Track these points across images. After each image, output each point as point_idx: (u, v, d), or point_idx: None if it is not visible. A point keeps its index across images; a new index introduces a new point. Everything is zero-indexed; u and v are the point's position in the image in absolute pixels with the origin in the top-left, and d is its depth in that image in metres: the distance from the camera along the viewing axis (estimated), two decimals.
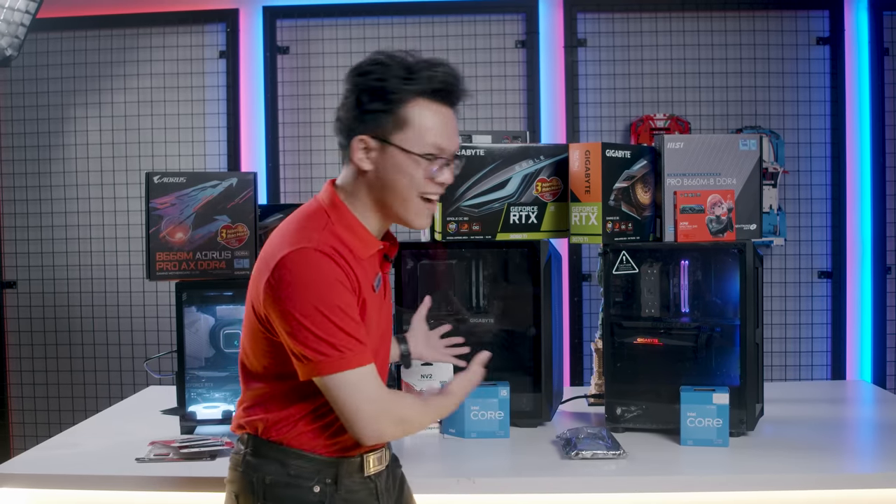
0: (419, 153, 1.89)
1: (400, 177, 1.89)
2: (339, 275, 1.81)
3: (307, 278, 1.80)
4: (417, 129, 1.88)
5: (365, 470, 1.96)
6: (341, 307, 1.80)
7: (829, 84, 4.71)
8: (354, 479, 1.94)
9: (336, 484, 1.92)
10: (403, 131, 1.88)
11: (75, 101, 4.87)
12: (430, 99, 1.90)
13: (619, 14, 4.74)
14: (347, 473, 1.93)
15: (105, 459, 2.53)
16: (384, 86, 1.86)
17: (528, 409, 2.82)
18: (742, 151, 2.79)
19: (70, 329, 4.91)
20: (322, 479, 1.91)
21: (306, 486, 1.90)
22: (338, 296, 1.80)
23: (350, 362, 1.80)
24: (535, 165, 2.81)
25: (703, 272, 2.74)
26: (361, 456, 1.96)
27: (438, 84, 1.89)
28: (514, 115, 4.75)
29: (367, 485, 1.96)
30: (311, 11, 4.76)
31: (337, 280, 1.81)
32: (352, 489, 1.94)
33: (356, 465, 1.95)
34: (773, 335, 4.69)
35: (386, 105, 1.87)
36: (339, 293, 1.81)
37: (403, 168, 1.89)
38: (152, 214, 2.75)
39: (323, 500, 1.91)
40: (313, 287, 1.80)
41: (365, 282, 1.89)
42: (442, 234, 2.79)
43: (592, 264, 4.71)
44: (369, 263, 1.93)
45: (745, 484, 2.34)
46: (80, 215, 4.88)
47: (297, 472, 1.90)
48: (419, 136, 1.88)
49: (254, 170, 4.51)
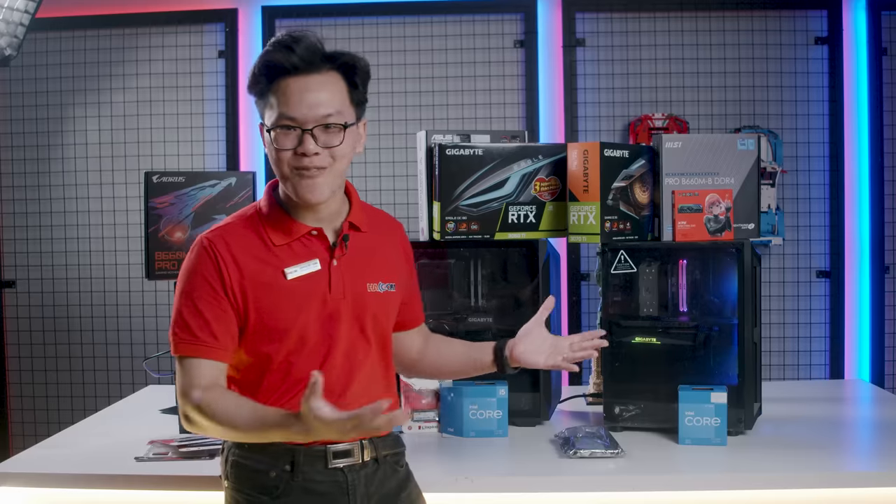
0: (269, 127, 1.93)
1: (270, 153, 1.96)
2: (206, 267, 1.91)
3: (184, 263, 1.97)
4: (273, 106, 1.92)
5: (328, 461, 1.95)
6: (193, 297, 1.91)
7: (827, 84, 4.70)
8: (317, 468, 1.95)
9: (293, 471, 1.93)
10: (270, 110, 1.93)
11: (74, 101, 4.87)
12: (292, 76, 1.91)
13: (618, 14, 4.74)
14: (308, 462, 1.94)
15: (104, 458, 2.53)
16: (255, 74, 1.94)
17: (526, 408, 2.82)
18: (740, 151, 2.79)
19: (69, 329, 4.91)
20: (279, 465, 1.93)
21: (263, 470, 1.94)
22: (195, 286, 1.91)
23: (179, 349, 1.91)
24: (533, 165, 2.82)
25: (702, 271, 2.74)
26: (325, 447, 1.95)
27: (264, 64, 1.92)
28: (512, 114, 4.75)
29: (334, 477, 1.96)
30: (309, 11, 4.75)
31: (199, 271, 1.92)
32: (313, 479, 1.94)
33: (318, 455, 1.95)
34: (772, 334, 4.68)
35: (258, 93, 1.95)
36: (197, 284, 1.92)
37: (268, 146, 1.96)
38: (151, 214, 2.76)
39: (278, 485, 1.93)
40: (183, 273, 1.96)
41: (263, 272, 1.93)
42: (440, 233, 2.79)
43: (591, 263, 4.70)
44: (299, 248, 1.97)
45: (743, 483, 2.34)
46: (80, 215, 4.88)
47: (256, 455, 1.93)
48: (272, 111, 1.92)
49: (253, 169, 4.55)
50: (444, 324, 2.84)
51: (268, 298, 1.93)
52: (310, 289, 1.96)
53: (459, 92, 4.72)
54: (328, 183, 1.94)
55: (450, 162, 2.77)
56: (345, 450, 1.97)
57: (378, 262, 2.07)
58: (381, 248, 2.10)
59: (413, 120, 4.67)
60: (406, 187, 4.52)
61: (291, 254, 1.96)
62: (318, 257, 1.98)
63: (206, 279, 1.91)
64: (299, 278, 1.95)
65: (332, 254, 1.99)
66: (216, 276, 1.91)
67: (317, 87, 1.91)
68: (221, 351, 1.92)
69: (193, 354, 1.90)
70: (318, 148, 1.90)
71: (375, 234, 2.09)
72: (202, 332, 1.90)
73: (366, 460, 2.00)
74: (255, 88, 1.94)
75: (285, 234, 1.97)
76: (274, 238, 1.96)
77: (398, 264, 2.15)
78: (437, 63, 4.70)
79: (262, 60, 1.92)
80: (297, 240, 1.97)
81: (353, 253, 2.02)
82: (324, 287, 1.97)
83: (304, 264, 1.96)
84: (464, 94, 4.72)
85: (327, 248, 1.99)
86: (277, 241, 1.96)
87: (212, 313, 1.90)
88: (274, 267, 1.94)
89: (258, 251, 1.95)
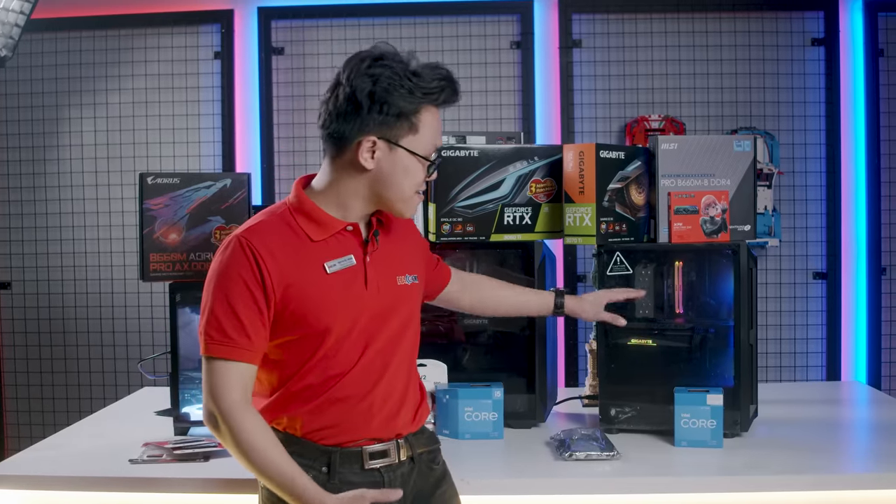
0: (425, 156, 1.97)
1: (405, 177, 1.97)
2: (242, 266, 1.89)
3: (217, 262, 1.93)
4: (424, 134, 1.96)
5: (364, 462, 1.97)
6: (228, 297, 1.88)
7: (823, 85, 4.71)
8: (353, 469, 1.96)
9: (329, 473, 1.94)
10: (414, 136, 1.95)
11: (70, 102, 4.86)
12: (435, 105, 1.97)
13: (614, 15, 4.74)
14: (344, 463, 1.96)
15: (98, 461, 2.52)
16: (399, 92, 1.90)
17: (522, 410, 2.82)
18: (736, 152, 2.78)
19: (65, 330, 4.90)
20: (316, 467, 1.94)
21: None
22: (231, 286, 1.89)
23: (211, 350, 1.89)
24: (529, 166, 2.81)
25: (697, 273, 2.74)
26: (361, 448, 1.97)
27: (450, 94, 1.97)
28: (508, 116, 4.75)
29: (371, 478, 1.97)
30: (305, 12, 4.75)
31: (235, 270, 1.89)
32: (350, 480, 1.95)
33: (354, 455, 1.97)
34: (768, 336, 4.68)
35: (399, 111, 1.92)
36: (233, 283, 1.89)
37: (410, 170, 1.97)
38: (146, 215, 2.74)
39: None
40: (216, 271, 1.92)
41: (303, 267, 1.93)
42: (436, 235, 2.78)
43: (587, 265, 4.70)
44: (335, 243, 1.97)
45: (739, 485, 2.34)
46: (75, 216, 4.87)
47: (294, 457, 1.92)
48: (425, 140, 1.97)
49: (248, 171, 4.55)
50: (440, 325, 2.83)
51: (308, 294, 1.92)
52: (347, 284, 1.96)
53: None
54: None
55: (445, 163, 2.76)
56: (381, 450, 2.00)
57: (402, 254, 2.10)
58: (401, 240, 2.12)
59: None
60: None
61: (328, 249, 1.96)
62: (352, 253, 1.99)
63: (242, 278, 1.89)
64: (337, 274, 1.95)
65: (366, 249, 2.00)
66: (252, 276, 1.89)
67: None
68: (254, 353, 1.91)
69: (227, 356, 1.88)
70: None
71: (395, 227, 2.11)
72: (237, 334, 1.88)
73: (402, 460, 2.02)
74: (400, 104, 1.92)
75: (322, 229, 1.97)
76: (311, 233, 1.96)
77: (417, 255, 2.19)
78: None
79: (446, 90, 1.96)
80: (333, 235, 1.98)
81: (382, 247, 2.04)
82: (360, 283, 1.98)
83: (342, 259, 1.97)
84: (460, 95, 4.68)
85: (360, 244, 2.01)
86: (315, 236, 1.96)
87: (246, 314, 1.89)
88: (313, 262, 1.94)
89: (296, 246, 1.94)
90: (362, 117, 1.91)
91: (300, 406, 1.95)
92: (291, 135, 4.76)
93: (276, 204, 2.05)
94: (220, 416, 1.88)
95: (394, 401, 2.01)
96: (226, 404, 1.87)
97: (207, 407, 1.90)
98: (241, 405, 1.88)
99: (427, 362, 2.74)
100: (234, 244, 1.91)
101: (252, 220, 2.00)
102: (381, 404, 1.99)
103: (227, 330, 1.88)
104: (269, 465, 1.87)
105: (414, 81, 1.91)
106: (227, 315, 1.89)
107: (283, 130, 4.78)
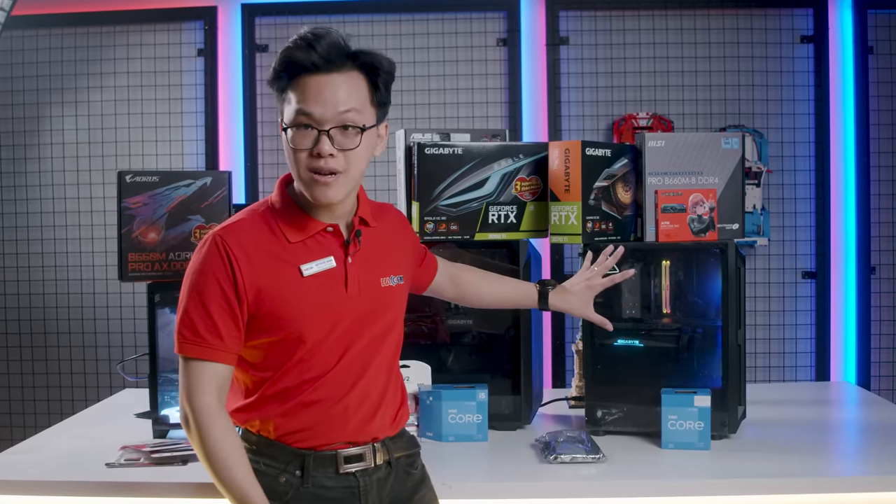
0: (286, 125, 1.90)
1: (288, 156, 1.91)
2: (216, 265, 1.86)
3: (193, 261, 1.91)
4: (291, 100, 1.89)
5: (339, 466, 1.94)
6: (202, 297, 1.86)
7: (813, 83, 4.70)
8: (328, 473, 1.93)
9: (303, 477, 1.92)
10: (288, 107, 1.89)
11: (51, 100, 4.82)
12: (312, 74, 1.87)
13: (602, 12, 4.72)
14: (318, 467, 1.93)
15: (74, 465, 2.48)
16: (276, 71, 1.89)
17: (507, 411, 2.79)
18: (724, 150, 2.76)
19: (46, 331, 4.87)
20: (289, 470, 1.92)
21: (272, 475, 1.92)
22: (204, 285, 1.86)
23: (185, 349, 1.87)
24: (514, 164, 2.78)
25: (685, 272, 2.72)
26: (336, 452, 1.94)
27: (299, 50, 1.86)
28: (495, 113, 4.73)
29: (346, 482, 1.94)
30: (289, 9, 4.73)
31: (210, 270, 1.87)
32: (324, 484, 1.93)
33: (328, 459, 1.94)
34: (756, 336, 4.68)
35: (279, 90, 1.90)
36: (207, 283, 1.87)
37: (285, 146, 1.92)
38: (124, 214, 2.71)
39: (288, 490, 1.92)
40: (192, 270, 1.90)
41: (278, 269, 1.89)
42: (419, 234, 2.75)
43: (574, 265, 4.67)
44: (314, 245, 1.93)
45: (727, 488, 2.31)
46: (56, 215, 4.83)
47: (266, 460, 1.92)
48: (290, 109, 1.89)
49: (232, 169, 4.50)
50: (423, 326, 2.80)
51: (283, 297, 1.89)
52: (326, 288, 1.92)
53: (442, 91, 4.70)
54: (343, 185, 1.91)
55: (428, 161, 2.73)
56: (357, 454, 1.97)
57: (387, 255, 2.06)
58: (387, 239, 2.08)
59: (394, 119, 4.62)
60: (387, 187, 4.46)
61: (307, 251, 1.93)
62: (332, 254, 1.95)
63: (215, 277, 1.86)
64: (315, 276, 1.91)
65: (347, 251, 1.96)
66: (226, 275, 1.86)
67: (336, 86, 1.87)
68: (228, 354, 1.88)
69: (200, 356, 1.86)
70: (333, 149, 1.86)
71: (381, 226, 2.07)
72: (209, 334, 1.86)
73: (378, 464, 1.99)
74: (276, 84, 1.90)
75: (300, 230, 1.93)
76: (289, 234, 1.92)
77: (405, 254, 2.15)
78: (419, 62, 4.67)
79: (282, 56, 1.87)
80: (312, 236, 1.94)
81: (365, 248, 2.00)
82: (340, 286, 1.94)
83: (320, 261, 1.93)
84: (446, 93, 4.70)
85: (341, 245, 1.96)
86: (293, 237, 1.92)
87: (220, 314, 1.86)
88: (289, 264, 1.91)
89: (273, 248, 1.91)
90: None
91: (274, 408, 1.93)
92: (276, 133, 4.72)
93: (259, 202, 2.01)
94: (191, 417, 1.86)
95: (370, 403, 1.98)
96: (198, 406, 1.86)
97: (182, 406, 1.89)
98: (214, 409, 1.86)
99: (410, 363, 2.72)
100: (209, 242, 1.89)
101: (232, 218, 1.97)
102: (356, 407, 1.95)
103: (200, 329, 1.86)
104: (228, 475, 1.85)
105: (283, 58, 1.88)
106: (199, 314, 1.86)
107: (267, 129, 4.75)
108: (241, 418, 1.95)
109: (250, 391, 1.95)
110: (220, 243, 1.87)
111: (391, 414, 2.04)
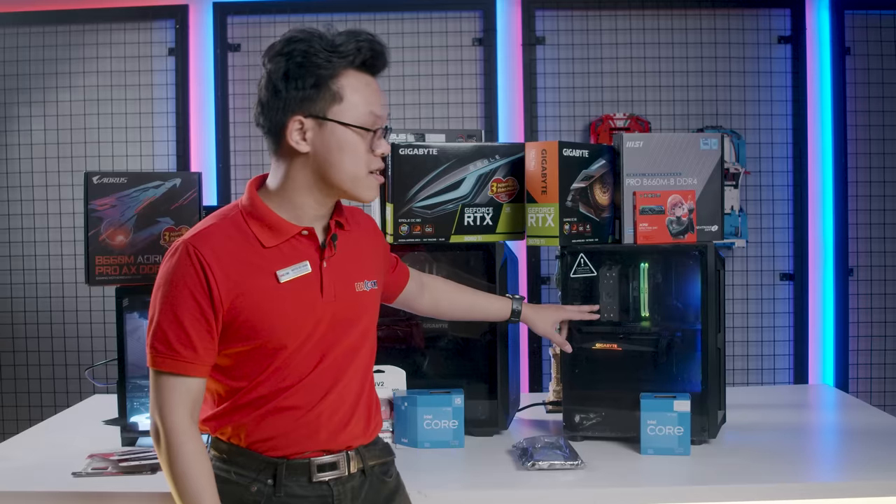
0: (360, 125, 1.86)
1: (342, 153, 1.86)
2: (188, 275, 1.81)
3: (163, 270, 1.85)
4: (352, 100, 1.85)
5: (312, 475, 1.90)
6: (174, 308, 1.81)
7: (790, 83, 4.72)
8: (300, 482, 1.90)
9: (275, 486, 1.88)
10: (339, 105, 1.85)
11: (19, 100, 4.77)
12: (358, 70, 1.87)
13: (579, 12, 4.72)
14: (291, 476, 1.89)
15: (39, 474, 2.42)
16: (313, 61, 1.82)
17: (483, 417, 2.75)
18: (703, 151, 2.73)
19: (14, 335, 4.80)
20: (261, 479, 1.88)
21: (244, 484, 1.88)
22: (176, 296, 1.81)
23: (157, 363, 1.82)
24: (490, 165, 2.74)
25: (664, 275, 2.68)
26: (309, 460, 1.91)
27: (368, 53, 1.86)
28: (471, 114, 4.71)
29: (318, 491, 1.91)
30: (262, 8, 4.71)
31: (182, 280, 1.81)
32: (296, 493, 1.89)
33: (301, 468, 1.90)
34: (735, 339, 4.68)
35: (317, 81, 1.83)
36: (178, 293, 1.81)
37: (347, 143, 1.86)
38: (91, 216, 2.65)
39: (259, 499, 1.88)
40: (162, 279, 1.84)
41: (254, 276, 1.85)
42: (393, 236, 2.71)
43: (551, 267, 4.65)
44: (289, 249, 1.89)
45: (707, 495, 2.29)
46: (24, 218, 4.78)
47: (237, 468, 1.88)
48: (355, 107, 1.86)
49: (203, 170, 4.47)
50: (398, 330, 2.76)
51: (260, 305, 1.84)
52: (301, 293, 1.88)
53: (416, 91, 4.68)
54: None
55: (403, 162, 2.69)
56: (330, 462, 1.93)
57: (361, 259, 2.02)
58: (361, 244, 2.04)
59: None
60: None
61: (281, 256, 1.88)
62: (307, 259, 1.90)
63: (188, 288, 1.80)
64: (290, 282, 1.87)
65: (322, 255, 1.92)
66: (199, 285, 1.80)
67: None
68: (202, 367, 1.83)
69: (173, 370, 1.81)
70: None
71: (355, 230, 2.03)
72: (182, 347, 1.81)
73: (352, 472, 1.95)
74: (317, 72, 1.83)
75: (275, 235, 1.88)
76: (263, 239, 1.87)
77: (377, 258, 2.12)
78: (394, 61, 4.57)
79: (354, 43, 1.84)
80: (286, 241, 1.89)
81: (340, 252, 1.96)
82: (315, 291, 1.90)
83: (296, 266, 1.88)
84: (421, 93, 4.67)
85: (317, 249, 1.92)
86: (267, 242, 1.87)
87: (194, 326, 1.81)
88: (265, 270, 1.86)
89: (247, 254, 1.85)
90: (282, 99, 1.84)
91: (246, 414, 1.88)
92: (248, 134, 4.69)
93: (228, 206, 1.96)
94: (162, 433, 1.82)
95: (343, 411, 1.94)
96: (169, 423, 1.81)
97: (153, 419, 1.84)
98: (186, 426, 1.82)
99: (385, 368, 2.68)
100: (180, 251, 1.83)
101: (201, 223, 1.91)
102: (329, 415, 1.91)
103: (173, 343, 1.81)
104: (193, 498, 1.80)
105: (327, 48, 1.82)
106: (172, 327, 1.81)
107: (239, 129, 4.72)
108: (213, 426, 1.91)
109: (222, 399, 1.90)
110: (192, 252, 1.82)
111: (365, 422, 2.00)
